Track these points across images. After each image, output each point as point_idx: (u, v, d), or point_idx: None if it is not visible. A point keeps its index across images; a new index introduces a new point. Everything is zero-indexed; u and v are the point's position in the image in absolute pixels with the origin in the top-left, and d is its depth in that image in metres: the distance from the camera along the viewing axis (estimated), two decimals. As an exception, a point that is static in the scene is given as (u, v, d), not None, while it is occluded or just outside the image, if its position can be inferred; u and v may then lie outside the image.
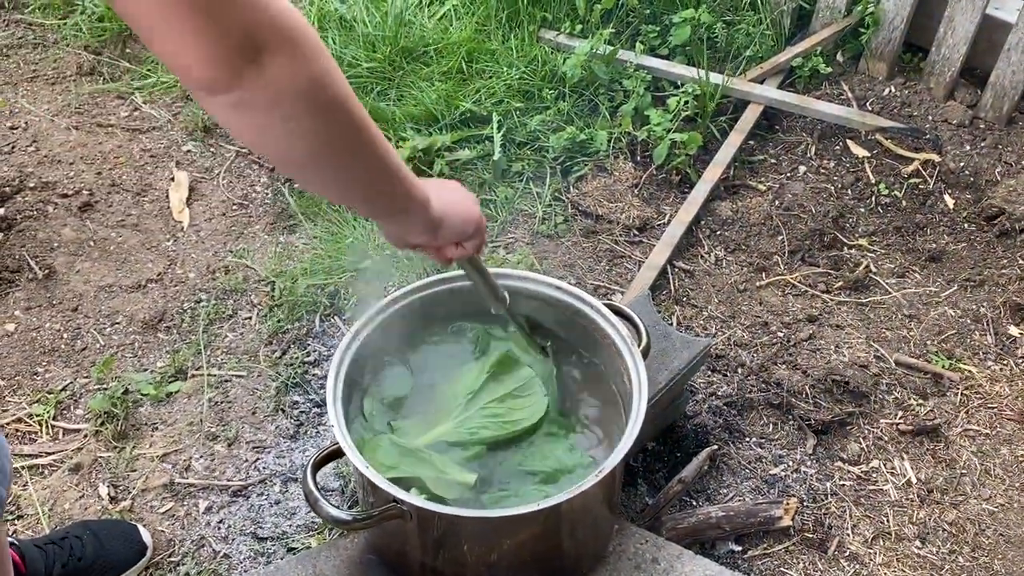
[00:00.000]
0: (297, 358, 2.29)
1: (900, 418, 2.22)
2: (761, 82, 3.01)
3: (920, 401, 2.25)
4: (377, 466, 1.44)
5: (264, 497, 2.04)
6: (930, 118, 2.96)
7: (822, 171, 2.86)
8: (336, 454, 1.50)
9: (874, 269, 2.58)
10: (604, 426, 1.63)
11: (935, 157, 2.84)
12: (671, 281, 2.50)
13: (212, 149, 2.92)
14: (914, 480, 2.11)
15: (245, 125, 0.93)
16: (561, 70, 2.88)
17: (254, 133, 0.94)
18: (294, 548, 1.95)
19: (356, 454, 1.41)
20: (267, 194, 2.78)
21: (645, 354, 1.60)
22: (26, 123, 2.94)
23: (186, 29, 0.81)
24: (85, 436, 2.15)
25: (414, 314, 1.69)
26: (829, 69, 3.03)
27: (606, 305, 1.67)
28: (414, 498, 1.38)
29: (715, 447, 2.01)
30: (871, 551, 1.98)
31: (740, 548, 1.98)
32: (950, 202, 2.76)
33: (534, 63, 2.93)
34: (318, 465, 1.49)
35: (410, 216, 1.22)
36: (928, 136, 2.88)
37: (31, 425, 2.17)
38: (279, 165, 1.10)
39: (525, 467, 1.56)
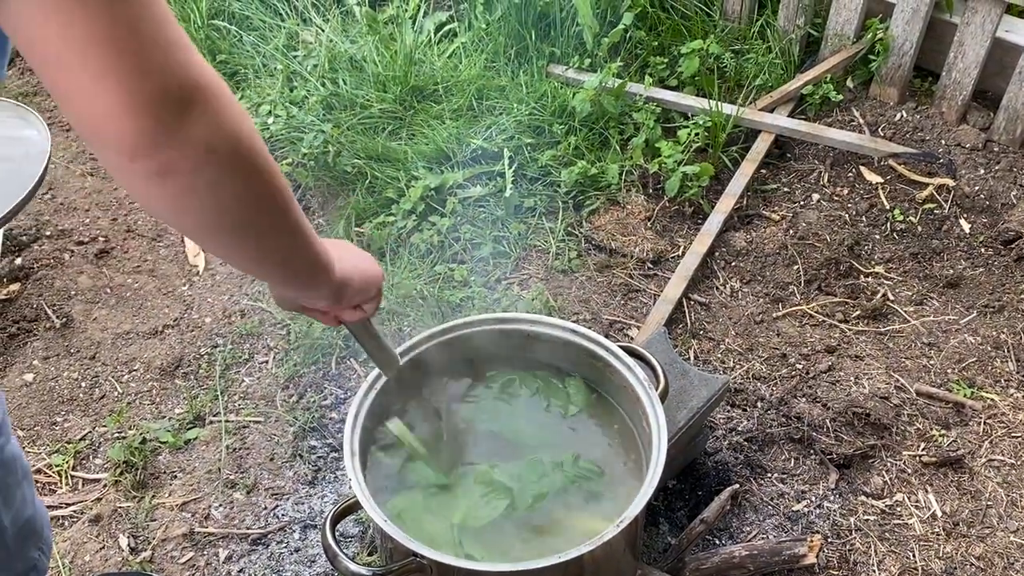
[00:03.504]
0: (314, 402, 2.29)
1: (923, 449, 2.19)
2: (771, 111, 3.00)
3: (943, 432, 2.23)
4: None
5: (284, 545, 2.03)
6: (943, 142, 2.94)
7: (836, 198, 2.85)
8: (354, 507, 1.49)
9: (891, 297, 2.56)
10: (624, 471, 1.62)
11: (949, 182, 2.82)
12: (687, 314, 2.49)
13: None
14: (939, 513, 2.08)
15: (166, 193, 0.80)
16: (571, 105, 2.89)
17: (173, 201, 0.81)
18: (315, 596, 1.94)
19: (375, 509, 1.40)
20: (281, 236, 2.79)
21: (663, 397, 1.58)
22: (42, 171, 2.96)
23: (106, 70, 0.71)
24: (104, 486, 2.15)
25: (432, 360, 1.68)
26: (840, 96, 3.02)
27: (622, 347, 1.66)
28: (434, 552, 1.37)
29: (737, 486, 1.99)
30: (898, 588, 1.95)
31: (764, 587, 1.95)
32: (966, 226, 2.74)
33: (543, 98, 2.94)
34: (337, 519, 1.48)
35: (318, 281, 1.11)
36: (942, 160, 2.87)
37: (51, 476, 2.17)
38: (194, 235, 0.92)
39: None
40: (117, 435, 2.25)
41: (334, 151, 2.75)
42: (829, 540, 2.02)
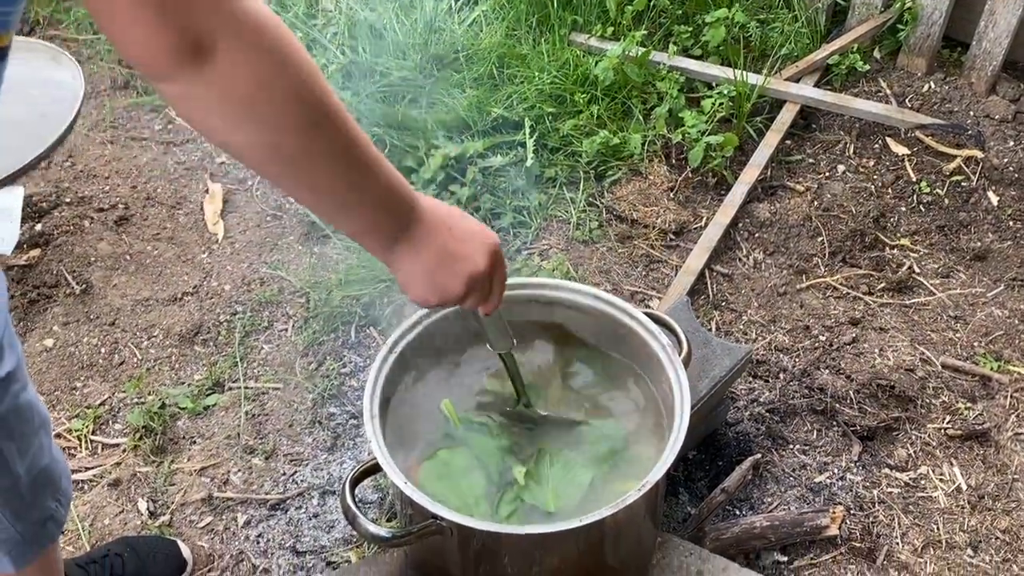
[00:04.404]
0: (333, 369, 2.28)
1: (948, 422, 2.16)
2: (797, 81, 2.96)
3: (968, 405, 2.20)
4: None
5: (302, 510, 2.03)
6: (971, 114, 2.89)
7: (861, 170, 2.81)
8: (374, 469, 1.48)
9: (917, 269, 2.52)
10: (646, 437, 1.60)
11: (978, 153, 2.77)
12: (709, 286, 2.46)
13: (245, 160, 2.92)
14: (964, 486, 2.05)
15: (190, 112, 0.84)
16: (593, 73, 2.85)
17: (198, 121, 0.85)
18: (333, 562, 1.93)
19: (395, 470, 1.39)
20: (299, 206, 2.78)
21: (686, 363, 1.56)
22: (62, 138, 2.96)
23: (134, 11, 0.75)
24: (123, 451, 2.15)
25: (452, 326, 1.66)
26: (867, 66, 2.97)
27: (645, 313, 1.63)
28: (454, 515, 1.35)
29: (758, 456, 1.97)
30: (921, 560, 1.93)
31: (786, 558, 1.93)
32: (994, 199, 2.69)
33: (565, 67, 2.90)
34: (356, 481, 1.47)
35: (420, 239, 1.07)
36: (970, 132, 2.82)
37: (70, 440, 2.18)
38: (246, 161, 0.93)
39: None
40: (136, 400, 2.25)
41: (353, 119, 2.72)
42: (851, 512, 1.99)
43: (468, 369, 1.69)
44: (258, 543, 1.97)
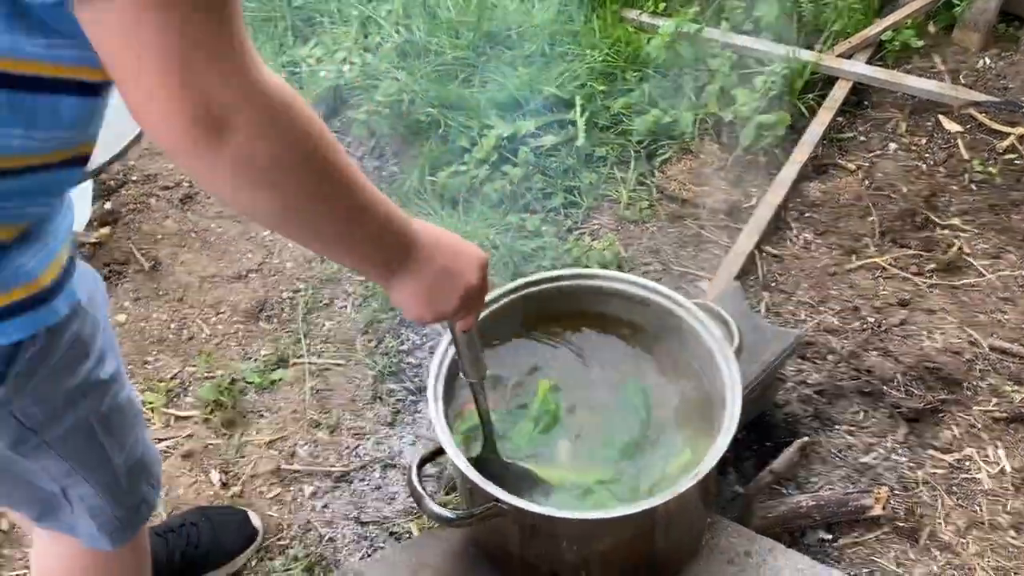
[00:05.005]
0: (392, 347, 2.37)
1: (994, 405, 2.19)
2: (849, 57, 2.95)
3: (1015, 387, 2.22)
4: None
5: (365, 482, 2.13)
6: (1027, 90, 2.87)
7: (913, 148, 2.81)
8: (439, 452, 1.56)
9: (967, 250, 2.54)
10: (699, 424, 1.67)
11: (1032, 131, 2.76)
12: (759, 266, 2.50)
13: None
14: (1008, 468, 2.09)
15: (205, 183, 0.89)
16: (645, 51, 2.87)
17: (213, 191, 0.90)
18: (395, 532, 2.04)
19: (460, 457, 1.47)
20: (357, 182, 2.86)
21: (738, 354, 1.62)
22: (127, 117, 3.06)
23: (154, 89, 0.77)
24: (195, 423, 2.27)
25: (516, 312, 1.73)
26: (920, 42, 2.96)
27: (697, 304, 1.69)
28: (514, 499, 1.43)
29: (807, 439, 2.02)
30: (964, 541, 1.98)
31: (830, 536, 1.99)
32: (1048, 178, 2.69)
33: (617, 44, 2.93)
34: (423, 464, 1.56)
35: (418, 264, 1.13)
36: (1025, 109, 2.80)
37: (145, 412, 2.30)
38: (256, 221, 0.99)
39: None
40: (207, 375, 2.36)
41: (408, 99, 2.79)
42: (896, 492, 2.05)
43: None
44: (324, 513, 2.08)
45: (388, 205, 1.05)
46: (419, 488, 1.50)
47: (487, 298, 1.67)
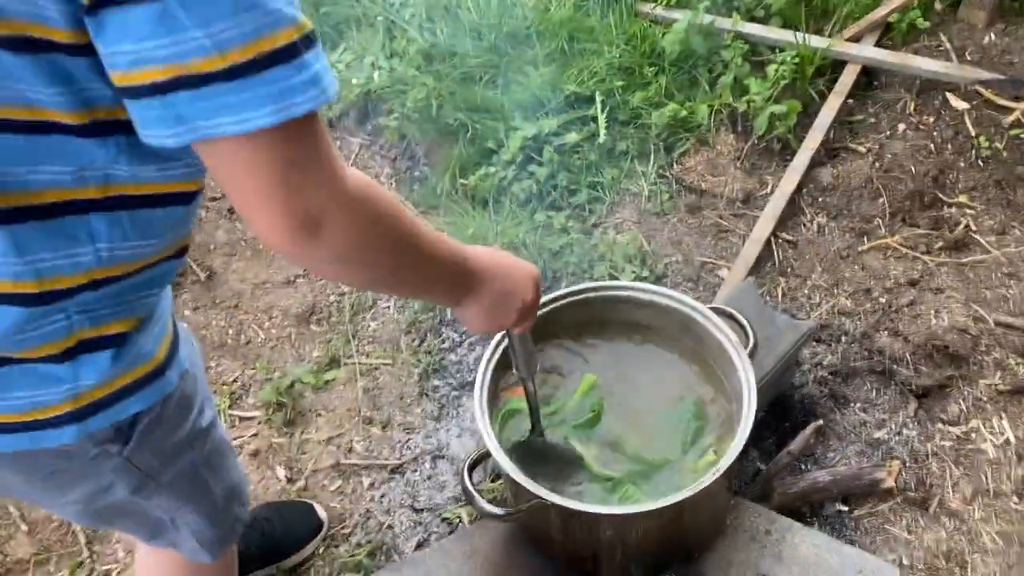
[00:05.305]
0: (434, 346, 2.55)
1: (999, 378, 2.35)
2: (858, 40, 3.06)
3: (1019, 360, 2.37)
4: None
5: (417, 473, 2.33)
6: (1032, 65, 2.97)
7: (921, 127, 2.93)
8: (487, 455, 1.75)
9: (974, 227, 2.67)
10: (720, 417, 1.84)
11: (1036, 107, 2.87)
12: (775, 253, 2.65)
13: (338, 143, 3.17)
14: (1012, 438, 2.25)
15: (304, 266, 1.07)
16: (660, 45, 3.00)
17: (309, 270, 1.07)
18: (447, 518, 2.24)
19: (507, 462, 1.66)
20: (392, 184, 3.03)
21: (752, 355, 1.78)
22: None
23: (262, 205, 0.92)
24: (259, 423, 2.47)
25: (560, 321, 1.90)
26: (927, 23, 3.05)
27: (713, 309, 1.85)
28: (556, 497, 1.62)
29: (820, 422, 2.19)
30: (970, 508, 2.15)
31: (847, 508, 2.17)
32: (1053, 151, 2.80)
33: (633, 40, 3.05)
34: (472, 466, 1.75)
35: (479, 290, 1.31)
36: (1029, 85, 2.91)
37: (212, 415, 2.50)
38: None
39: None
40: (265, 377, 2.56)
41: (436, 104, 2.94)
42: (907, 465, 2.21)
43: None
44: (382, 503, 2.29)
45: (450, 247, 1.22)
46: (470, 487, 1.69)
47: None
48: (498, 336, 1.85)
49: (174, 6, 0.79)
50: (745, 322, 1.84)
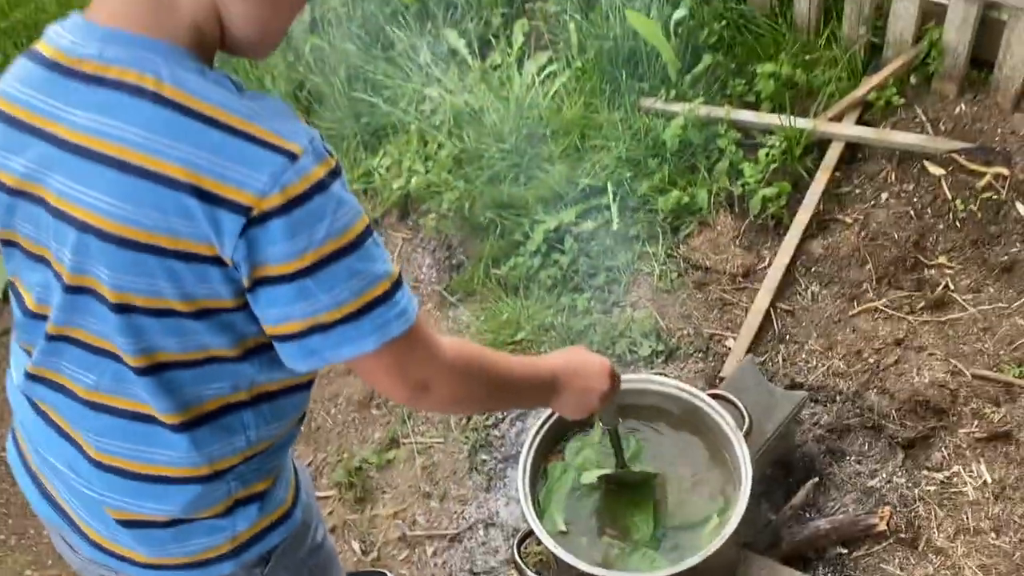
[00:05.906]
0: (480, 423, 2.92)
1: (976, 426, 2.67)
2: (840, 119, 3.41)
3: (994, 409, 2.70)
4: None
5: (473, 540, 2.70)
6: (999, 131, 3.29)
7: (903, 194, 3.26)
8: (531, 534, 2.12)
9: (952, 287, 3.00)
10: (723, 486, 2.19)
11: (1004, 171, 3.19)
12: (775, 322, 3.00)
13: (384, 238, 3.57)
14: (989, 480, 2.57)
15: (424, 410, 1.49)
16: (662, 138, 3.37)
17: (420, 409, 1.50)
18: (501, 578, 2.61)
19: (549, 540, 2.02)
20: (433, 274, 3.42)
21: (748, 434, 2.14)
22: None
23: (382, 381, 1.30)
24: (333, 502, 2.86)
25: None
26: (902, 100, 3.39)
27: (712, 395, 2.22)
28: (596, 569, 1.98)
29: (816, 479, 2.53)
30: (954, 545, 2.47)
31: (846, 550, 2.51)
32: (1022, 210, 3.12)
33: (638, 134, 3.42)
34: (521, 541, 2.12)
35: (551, 397, 1.66)
36: (997, 150, 3.23)
37: (293, 496, 2.89)
38: None
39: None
40: (336, 459, 2.95)
41: (468, 204, 3.33)
42: (897, 509, 2.55)
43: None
44: (444, 568, 2.66)
45: (535, 367, 1.62)
46: (519, 561, 2.06)
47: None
48: (532, 432, 2.22)
49: (309, 284, 1.18)
50: (741, 406, 2.20)
